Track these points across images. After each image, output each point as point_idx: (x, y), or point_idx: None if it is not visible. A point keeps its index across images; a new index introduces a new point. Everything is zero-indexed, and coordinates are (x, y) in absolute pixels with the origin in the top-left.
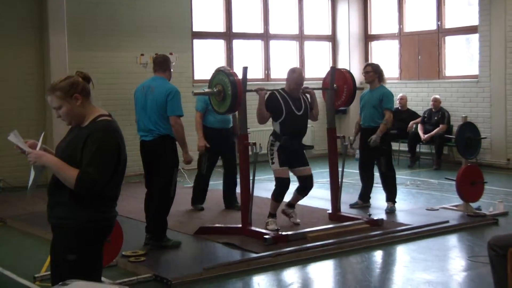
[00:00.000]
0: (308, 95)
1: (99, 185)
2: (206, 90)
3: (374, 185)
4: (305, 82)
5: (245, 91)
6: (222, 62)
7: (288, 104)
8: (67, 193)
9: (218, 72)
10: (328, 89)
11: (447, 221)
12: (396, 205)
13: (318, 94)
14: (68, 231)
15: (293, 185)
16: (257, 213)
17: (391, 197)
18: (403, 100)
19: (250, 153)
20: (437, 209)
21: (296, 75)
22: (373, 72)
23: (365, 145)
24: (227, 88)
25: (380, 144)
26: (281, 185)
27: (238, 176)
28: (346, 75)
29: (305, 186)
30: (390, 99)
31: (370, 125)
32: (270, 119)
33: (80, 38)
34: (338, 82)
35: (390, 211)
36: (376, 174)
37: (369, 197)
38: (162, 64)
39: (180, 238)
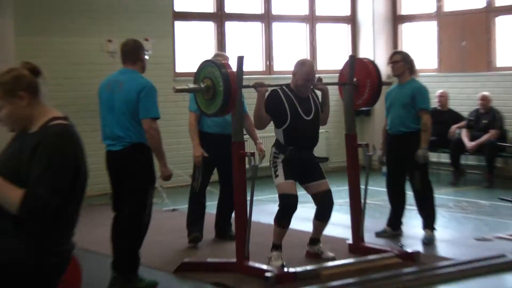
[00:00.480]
0: (318, 93)
1: (51, 208)
2: (191, 85)
3: (407, 207)
4: (316, 76)
5: (241, 87)
6: (211, 51)
7: (294, 106)
8: (9, 220)
9: (207, 63)
10: (347, 84)
11: (504, 255)
12: (436, 233)
13: (333, 91)
14: (9, 269)
15: (304, 209)
16: (256, 244)
17: (429, 223)
18: (443, 98)
19: (247, 166)
20: (490, 239)
21: (306, 69)
22: (403, 62)
23: (394, 156)
24: (218, 84)
25: (414, 154)
26: (286, 204)
27: None
28: (369, 67)
29: (324, 206)
30: (425, 96)
31: (399, 130)
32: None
33: (30, 20)
34: (359, 76)
35: (428, 241)
36: (410, 194)
37: (401, 223)
38: (131, 53)
39: (157, 277)
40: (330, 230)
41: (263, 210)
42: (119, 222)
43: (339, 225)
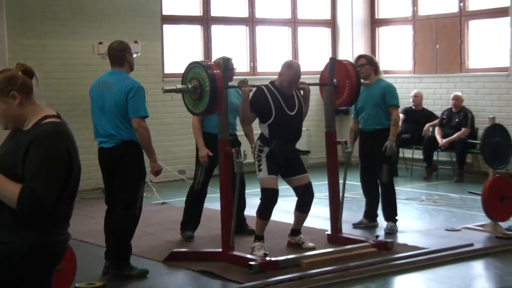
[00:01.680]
0: (301, 91)
1: (46, 203)
2: (179, 86)
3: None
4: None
5: (227, 87)
6: (198, 52)
7: (279, 103)
8: (8, 214)
9: (194, 64)
10: (327, 85)
11: (472, 244)
12: (410, 224)
13: (315, 91)
14: (9, 258)
15: (285, 202)
16: (241, 235)
17: (392, 214)
18: (417, 98)
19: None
20: (459, 230)
21: (292, 72)
22: (368, 65)
23: (367, 151)
24: (205, 84)
25: (382, 149)
26: (268, 198)
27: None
28: (348, 68)
29: (305, 198)
30: (394, 93)
31: (373, 128)
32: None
33: (24, 23)
34: (338, 77)
35: (391, 232)
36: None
37: (376, 215)
38: (117, 56)
39: (147, 266)
40: (310, 221)
41: (248, 203)
42: (111, 215)
43: (318, 217)
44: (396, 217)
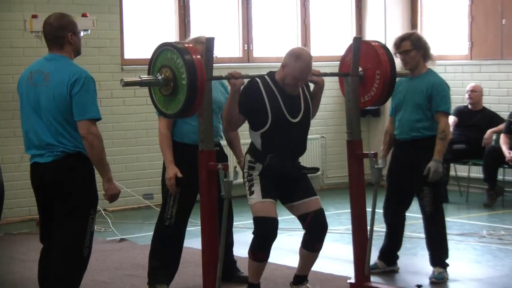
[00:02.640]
0: (310, 86)
1: None
2: (145, 77)
3: (410, 234)
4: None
5: (211, 78)
6: (171, 31)
7: (277, 104)
8: None
9: (165, 47)
10: (349, 76)
11: None
12: (466, 269)
13: (333, 84)
14: None
15: (290, 237)
16: (231, 285)
17: (438, 257)
18: (475, 93)
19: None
20: None
21: (300, 65)
22: (416, 51)
23: (400, 168)
24: (180, 75)
25: (424, 165)
26: (263, 230)
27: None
28: (379, 53)
29: (316, 230)
30: (445, 96)
31: (409, 135)
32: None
33: None
34: (365, 64)
35: (438, 281)
36: (412, 217)
37: (397, 256)
38: (55, 35)
39: None
40: (326, 265)
41: (239, 239)
42: (49, 257)
43: (337, 259)
44: (447, 261)
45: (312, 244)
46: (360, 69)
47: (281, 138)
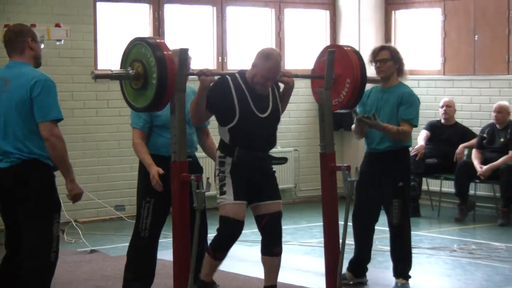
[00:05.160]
0: (281, 86)
1: None
2: (116, 70)
3: (382, 248)
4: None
5: (184, 74)
6: None
7: (246, 101)
8: None
9: (138, 42)
10: (323, 78)
11: None
12: (436, 284)
13: (304, 97)
14: None
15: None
16: None
17: (402, 269)
18: (448, 108)
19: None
20: None
21: (270, 65)
22: (392, 62)
23: (370, 178)
24: (151, 70)
25: (394, 177)
26: (229, 230)
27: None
28: (351, 57)
29: (271, 233)
30: (412, 105)
31: (384, 148)
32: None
33: None
34: (337, 69)
35: None
36: (386, 230)
37: (366, 268)
38: (14, 41)
39: None
40: (297, 278)
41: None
42: (14, 263)
43: (309, 271)
44: (409, 273)
45: (270, 248)
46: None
47: (249, 133)
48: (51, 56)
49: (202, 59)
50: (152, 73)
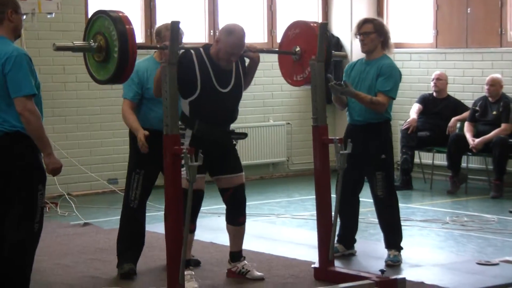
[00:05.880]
0: (246, 61)
1: None
2: (78, 43)
3: (374, 220)
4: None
5: (175, 62)
6: (136, 16)
7: (208, 75)
8: None
9: (100, 14)
10: (291, 54)
11: None
12: (429, 255)
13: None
14: None
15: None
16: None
17: (393, 241)
18: (440, 81)
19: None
20: (496, 264)
21: (233, 40)
22: (376, 34)
23: (352, 153)
24: (112, 44)
25: (375, 150)
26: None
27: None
28: (316, 33)
29: (234, 204)
30: (390, 77)
31: (366, 121)
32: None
33: None
34: (302, 43)
35: (394, 263)
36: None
37: (354, 240)
38: None
39: None
40: (290, 250)
41: (202, 224)
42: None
43: (301, 244)
44: (402, 245)
45: (234, 218)
46: (297, 48)
47: (209, 106)
48: (43, 29)
49: (193, 33)
50: (114, 46)
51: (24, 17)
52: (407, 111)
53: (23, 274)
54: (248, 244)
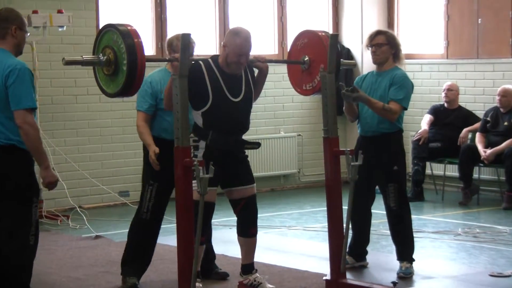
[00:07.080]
0: (255, 70)
1: None
2: (87, 57)
3: (386, 232)
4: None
5: (186, 59)
6: (147, 28)
7: (218, 85)
8: None
9: (109, 28)
10: (300, 64)
11: None
12: (441, 267)
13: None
14: None
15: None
16: (209, 281)
17: (405, 252)
18: (451, 92)
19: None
20: (509, 275)
21: (239, 41)
22: (388, 47)
23: (364, 164)
24: (121, 57)
25: (387, 161)
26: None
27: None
28: (325, 43)
29: (246, 216)
30: (403, 86)
31: (375, 131)
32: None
33: None
34: (310, 53)
35: (406, 276)
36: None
37: (366, 252)
38: (0, 25)
39: None
40: (302, 262)
41: (213, 237)
42: None
43: (313, 256)
44: (413, 257)
45: (246, 229)
46: (306, 57)
47: (222, 116)
48: (54, 43)
49: (204, 45)
50: (123, 59)
51: (28, 34)
52: (418, 122)
53: (22, 285)
54: (260, 256)
